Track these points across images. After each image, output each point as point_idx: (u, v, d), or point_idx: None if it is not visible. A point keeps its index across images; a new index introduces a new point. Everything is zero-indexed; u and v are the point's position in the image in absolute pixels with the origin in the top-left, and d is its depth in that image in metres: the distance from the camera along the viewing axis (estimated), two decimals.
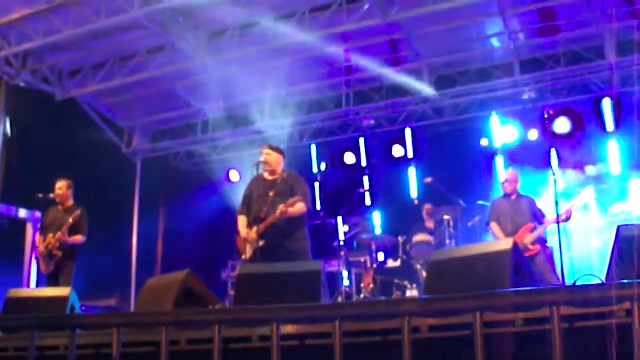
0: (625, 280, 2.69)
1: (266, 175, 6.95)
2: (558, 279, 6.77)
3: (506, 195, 8.21)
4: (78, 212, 7.93)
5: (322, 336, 3.83)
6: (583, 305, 2.72)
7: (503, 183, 8.25)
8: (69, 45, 10.59)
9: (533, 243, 7.72)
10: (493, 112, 11.78)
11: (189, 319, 3.64)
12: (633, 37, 10.06)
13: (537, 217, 7.96)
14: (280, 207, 6.51)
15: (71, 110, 12.02)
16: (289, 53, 10.93)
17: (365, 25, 10.00)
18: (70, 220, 7.80)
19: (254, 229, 6.66)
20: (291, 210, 6.57)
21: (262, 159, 6.90)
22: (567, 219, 7.60)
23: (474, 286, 3.72)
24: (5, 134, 10.92)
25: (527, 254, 7.52)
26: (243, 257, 6.75)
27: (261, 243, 6.57)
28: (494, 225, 8.13)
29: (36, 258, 8.39)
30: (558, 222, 7.11)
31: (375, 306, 3.34)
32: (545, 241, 7.99)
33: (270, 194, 6.71)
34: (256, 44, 10.49)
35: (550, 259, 8.28)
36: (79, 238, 7.93)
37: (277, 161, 6.96)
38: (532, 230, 7.79)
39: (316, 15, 10.12)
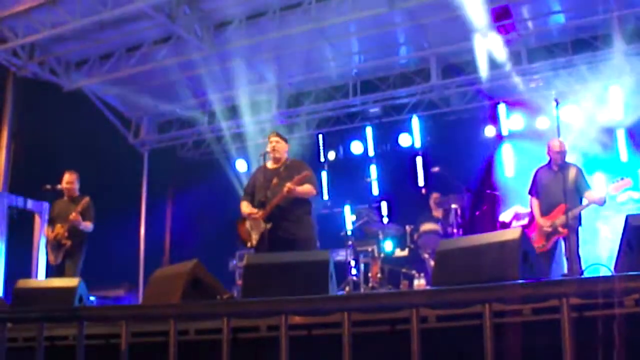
0: (633, 272, 2.68)
1: (269, 164, 6.80)
2: (581, 268, 6.59)
3: (549, 166, 7.67)
4: (87, 199, 7.97)
5: (330, 326, 3.84)
6: (591, 297, 2.72)
7: (548, 152, 7.65)
8: (75, 36, 10.60)
9: (564, 226, 7.12)
10: (500, 101, 11.75)
11: (196, 311, 3.64)
12: None
13: (580, 190, 7.37)
14: (288, 184, 6.30)
15: (78, 101, 12.03)
16: (295, 43, 10.91)
17: (372, 14, 9.97)
18: (79, 208, 7.84)
19: (260, 212, 6.48)
20: (299, 189, 6.38)
21: (271, 146, 6.73)
22: (603, 202, 7.28)
23: (483, 276, 3.72)
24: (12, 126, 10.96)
25: (556, 237, 7.28)
26: (249, 245, 6.57)
27: (268, 226, 6.39)
28: (532, 202, 7.73)
29: (45, 249, 8.42)
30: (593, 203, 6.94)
31: (383, 298, 3.34)
32: (578, 226, 7.33)
33: (274, 181, 6.52)
34: (262, 34, 10.47)
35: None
36: (88, 224, 7.99)
37: (284, 149, 6.84)
38: (566, 211, 7.03)
39: (323, 5, 10.10)
